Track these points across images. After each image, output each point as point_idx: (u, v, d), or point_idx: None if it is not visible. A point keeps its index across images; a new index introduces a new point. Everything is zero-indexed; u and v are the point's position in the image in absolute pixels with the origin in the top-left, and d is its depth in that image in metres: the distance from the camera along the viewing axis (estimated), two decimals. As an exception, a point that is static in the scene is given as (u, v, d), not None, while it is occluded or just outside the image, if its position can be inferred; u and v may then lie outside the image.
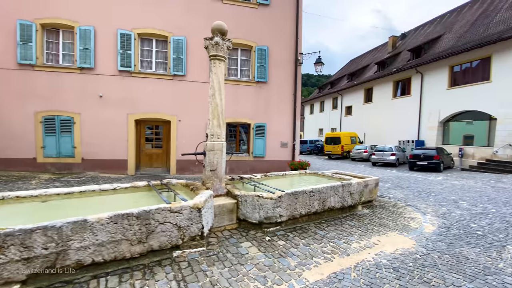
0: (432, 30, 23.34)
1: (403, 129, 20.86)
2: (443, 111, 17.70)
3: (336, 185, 5.08)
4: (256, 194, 4.08)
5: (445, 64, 17.71)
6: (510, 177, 10.89)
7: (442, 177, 11.63)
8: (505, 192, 8.08)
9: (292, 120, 10.43)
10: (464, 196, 7.60)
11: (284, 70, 10.35)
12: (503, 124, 14.18)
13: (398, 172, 13.23)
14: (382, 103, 23.64)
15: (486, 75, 15.37)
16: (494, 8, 17.59)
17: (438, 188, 8.86)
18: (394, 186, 9.22)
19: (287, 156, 10.43)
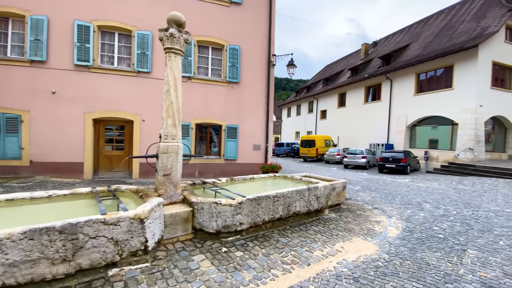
0: (401, 39, 24.57)
1: (374, 133, 21.60)
2: (410, 116, 18.56)
3: (302, 189, 4.87)
4: (214, 201, 3.73)
5: (412, 72, 18.63)
6: (470, 179, 11.52)
7: (409, 179, 12.04)
8: (465, 194, 8.44)
9: (265, 122, 10.22)
10: (428, 198, 7.80)
11: (257, 71, 10.14)
12: (464, 129, 15.12)
13: (368, 175, 13.53)
14: (354, 107, 24.38)
15: (449, 82, 16.35)
16: (457, 20, 18.84)
17: (405, 190, 9.08)
18: (363, 188, 9.30)
19: (260, 159, 10.18)
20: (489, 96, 15.10)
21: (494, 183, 10.37)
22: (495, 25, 14.74)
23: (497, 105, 15.38)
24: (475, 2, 18.80)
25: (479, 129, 14.76)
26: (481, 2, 18.16)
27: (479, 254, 3.77)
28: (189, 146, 9.19)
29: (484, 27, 15.34)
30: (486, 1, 17.71)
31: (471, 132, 14.71)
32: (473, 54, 14.82)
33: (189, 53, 9.15)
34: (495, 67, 15.52)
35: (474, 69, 14.80)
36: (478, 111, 14.71)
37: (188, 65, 9.16)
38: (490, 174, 11.97)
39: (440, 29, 19.77)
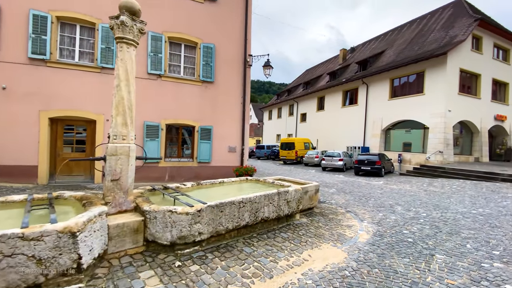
0: (377, 46, 25.41)
1: (351, 136, 22.03)
2: (385, 120, 19.11)
3: (271, 193, 4.60)
4: (168, 209, 3.35)
5: (387, 77, 19.24)
6: (440, 181, 11.91)
7: (383, 181, 12.24)
8: (435, 196, 8.62)
9: (241, 123, 9.91)
10: (400, 200, 7.86)
11: (233, 71, 9.83)
12: (434, 132, 15.74)
13: (344, 177, 13.63)
14: (333, 111, 24.79)
15: (420, 88, 17.01)
16: (428, 29, 19.73)
17: (378, 193, 9.13)
18: (338, 191, 9.25)
19: (235, 162, 9.84)
20: (457, 101, 15.86)
21: (462, 184, 10.77)
22: (462, 34, 15.55)
23: (464, 110, 16.20)
24: (444, 12, 19.82)
25: (448, 133, 15.43)
26: (450, 12, 19.16)
27: (446, 259, 3.69)
28: (159, 148, 8.66)
29: (453, 36, 16.14)
30: (454, 11, 18.71)
31: (441, 136, 15.34)
32: (442, 61, 15.51)
33: (160, 50, 8.66)
34: (462, 74, 16.36)
35: (443, 76, 15.49)
36: (447, 116, 15.38)
37: (158, 62, 8.66)
38: (458, 176, 12.46)
39: (413, 37, 20.62)
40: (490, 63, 17.37)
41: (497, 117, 17.64)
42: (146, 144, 8.46)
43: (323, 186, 10.35)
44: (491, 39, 17.32)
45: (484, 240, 4.53)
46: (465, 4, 18.41)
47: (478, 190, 9.45)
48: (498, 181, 11.02)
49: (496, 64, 17.72)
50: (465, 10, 17.67)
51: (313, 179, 12.22)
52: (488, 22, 16.20)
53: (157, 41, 8.62)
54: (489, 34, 17.12)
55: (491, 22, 16.41)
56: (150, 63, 8.54)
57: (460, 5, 18.80)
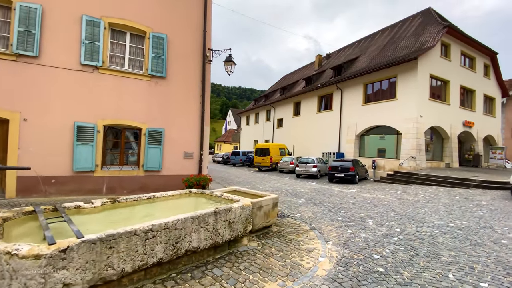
0: (351, 52, 25.51)
1: (327, 142, 21.55)
2: (359, 125, 18.78)
3: (203, 214, 3.45)
4: (6, 250, 2.08)
5: (360, 82, 19.02)
6: (413, 188, 11.40)
7: (357, 189, 11.53)
8: (409, 205, 7.91)
9: (199, 125, 8.71)
10: (372, 212, 7.02)
11: (189, 66, 8.67)
12: (407, 138, 15.50)
13: (318, 185, 12.80)
14: (308, 116, 24.30)
15: (393, 93, 16.85)
16: (399, 36, 19.91)
17: (350, 203, 8.28)
18: (307, 201, 8.29)
19: (192, 170, 8.58)
20: (428, 107, 15.81)
21: (435, 191, 10.28)
22: (432, 40, 15.62)
23: (435, 116, 16.19)
24: (414, 21, 20.14)
25: (420, 138, 15.24)
26: (419, 20, 19.48)
27: (427, 303, 2.72)
28: (93, 154, 7.20)
29: (423, 42, 16.20)
30: (423, 19, 19.02)
31: (413, 141, 15.11)
32: (413, 66, 15.43)
33: (97, 37, 7.30)
34: (433, 80, 16.43)
35: (415, 81, 15.39)
36: (419, 121, 15.22)
37: (95, 52, 7.29)
38: (431, 183, 12.08)
39: (385, 44, 20.75)
40: (458, 70, 17.69)
41: (465, 123, 17.91)
42: (77, 150, 6.98)
43: (292, 195, 9.37)
44: (458, 46, 17.69)
45: (468, 266, 3.68)
46: (433, 13, 18.79)
47: (452, 198, 8.94)
48: (470, 187, 10.69)
49: (464, 71, 18.11)
50: (434, 19, 17.98)
51: (283, 188, 11.24)
52: (455, 30, 16.49)
53: (94, 27, 7.26)
54: (456, 42, 17.47)
55: (458, 30, 16.74)
56: (84, 52, 7.14)
57: (429, 14, 19.18)
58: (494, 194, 9.35)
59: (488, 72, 20.08)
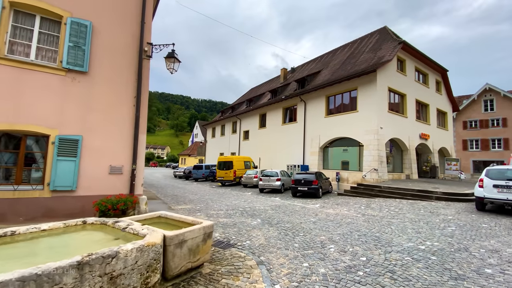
0: (314, 67, 25.89)
1: (292, 154, 20.91)
2: (323, 137, 18.44)
3: (50, 270, 1.99)
4: None
5: (323, 94, 18.92)
6: (377, 202, 10.83)
7: (320, 204, 10.63)
8: (374, 223, 7.08)
9: (133, 133, 7.13)
10: (335, 233, 5.99)
11: (121, 62, 7.18)
12: (368, 149, 15.33)
13: (280, 200, 11.69)
14: (274, 128, 23.67)
15: (354, 105, 16.85)
16: (359, 51, 20.48)
17: (311, 222, 7.21)
18: (263, 222, 7.04)
19: (121, 188, 6.87)
20: (387, 119, 15.96)
21: (398, 205, 9.75)
22: (389, 54, 16.04)
23: (394, 128, 16.39)
24: (372, 38, 20.96)
25: (381, 150, 15.16)
26: (376, 37, 20.29)
27: None
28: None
29: (380, 57, 16.60)
30: (380, 37, 19.83)
31: (375, 153, 14.95)
32: (372, 79, 15.59)
33: (-13, 17, 5.56)
34: (391, 93, 16.77)
35: (374, 94, 15.50)
36: (379, 133, 15.19)
37: (-19, 34, 5.51)
38: (394, 195, 11.68)
39: (345, 59, 21.21)
40: (413, 85, 18.44)
41: (421, 136, 18.51)
42: None
43: (248, 215, 8.07)
44: (413, 62, 18.56)
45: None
46: (389, 31, 19.70)
47: (417, 212, 8.37)
48: (432, 199, 10.40)
49: (418, 86, 18.95)
50: (390, 36, 18.77)
51: (240, 206, 9.90)
52: (409, 46, 17.24)
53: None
54: (411, 58, 18.31)
55: (412, 47, 17.54)
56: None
57: (385, 31, 20.09)
58: (458, 206, 9.04)
59: (440, 88, 21.40)
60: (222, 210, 8.96)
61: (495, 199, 7.39)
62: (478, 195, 7.87)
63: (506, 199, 7.18)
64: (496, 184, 7.43)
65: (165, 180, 25.29)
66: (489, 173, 7.80)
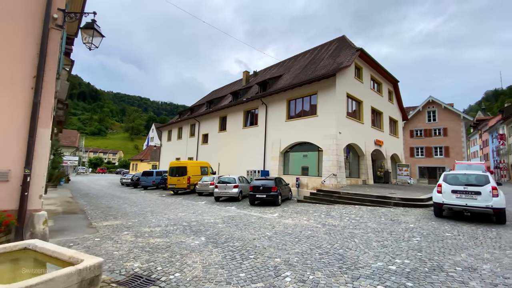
0: (276, 71, 25.55)
1: (253, 159, 19.86)
2: (283, 142, 17.78)
3: None
4: None
5: (284, 98, 18.38)
6: (337, 209, 10.22)
7: (279, 213, 9.62)
8: (336, 235, 6.21)
9: (27, 126, 5.21)
10: (292, 253, 4.91)
11: (13, 28, 5.27)
12: (327, 154, 14.99)
13: (236, 210, 10.40)
14: (235, 132, 22.45)
15: (314, 110, 16.54)
16: (319, 58, 20.55)
17: (266, 237, 6.06)
18: (207, 241, 5.66)
19: (4, 200, 4.89)
20: (346, 124, 15.93)
21: (359, 213, 9.21)
22: (347, 61, 16.12)
23: (352, 133, 16.44)
24: (331, 45, 21.28)
25: (340, 155, 14.94)
26: (335, 45, 20.61)
27: None
28: None
29: (339, 63, 16.63)
30: (339, 45, 20.17)
31: (334, 158, 14.66)
32: (332, 84, 15.45)
33: None
34: (349, 99, 16.87)
35: (333, 98, 15.34)
36: (338, 138, 14.99)
37: None
38: (353, 202, 11.26)
39: (306, 64, 21.15)
40: (369, 93, 18.96)
41: (376, 142, 19.03)
42: None
43: (191, 232, 6.60)
44: (369, 71, 19.12)
45: None
46: (347, 40, 20.16)
47: (378, 221, 7.82)
48: (391, 205, 10.14)
49: (374, 94, 19.57)
50: (348, 44, 19.15)
51: (186, 219, 8.35)
52: (366, 54, 17.65)
53: None
54: (367, 66, 18.84)
55: (368, 55, 18.02)
56: None
57: (344, 40, 20.52)
58: (416, 213, 8.78)
59: (392, 98, 22.55)
60: (160, 226, 7.32)
61: (454, 205, 7.15)
62: (436, 201, 7.60)
63: (465, 205, 6.96)
64: (455, 190, 7.22)
65: (109, 188, 22.14)
66: (447, 178, 7.60)
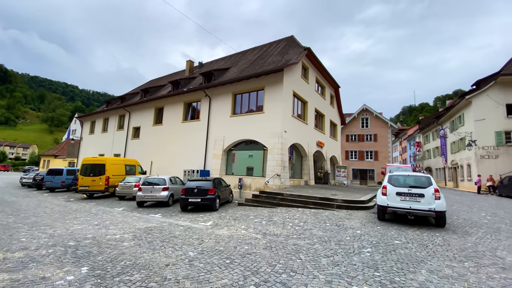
0: (224, 64, 23.96)
1: (192, 157, 17.74)
2: (228, 139, 16.28)
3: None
4: None
5: (229, 91, 16.92)
6: (280, 213, 9.18)
7: (214, 220, 8.03)
8: (279, 250, 4.97)
9: None
10: (217, 285, 3.38)
11: None
12: (272, 153, 14.10)
13: (161, 218, 8.39)
14: (172, 126, 19.88)
15: (260, 106, 15.54)
16: (267, 54, 19.76)
17: (187, 260, 4.42)
18: (86, 276, 3.69)
19: None
20: (291, 123, 15.38)
21: (303, 217, 8.32)
22: (295, 58, 15.63)
23: (296, 133, 16.00)
24: (280, 44, 20.80)
25: (284, 154, 14.23)
26: (284, 44, 20.18)
27: None
28: None
29: (288, 60, 16.04)
30: (288, 43, 19.79)
31: (278, 158, 13.86)
32: (279, 80, 14.70)
33: None
34: (295, 98, 16.42)
35: (280, 95, 14.60)
36: (284, 137, 14.27)
37: None
38: (296, 204, 10.46)
39: (255, 59, 20.16)
40: (314, 94, 19.01)
41: (318, 143, 19.19)
42: None
43: (71, 258, 4.47)
44: (314, 73, 19.19)
45: None
46: (296, 39, 19.93)
47: (323, 227, 6.97)
48: (334, 208, 9.62)
49: (318, 96, 19.75)
50: (296, 43, 18.89)
51: (82, 233, 6.01)
52: (313, 55, 17.55)
53: None
54: (313, 68, 18.85)
55: (315, 56, 18.00)
56: None
57: (292, 40, 20.26)
58: (359, 216, 8.33)
59: (333, 102, 23.37)
60: (28, 248, 4.90)
61: (398, 208, 6.77)
62: (381, 204, 7.17)
63: (409, 208, 6.62)
64: (399, 192, 6.86)
65: (1, 190, 16.92)
66: (392, 180, 7.25)
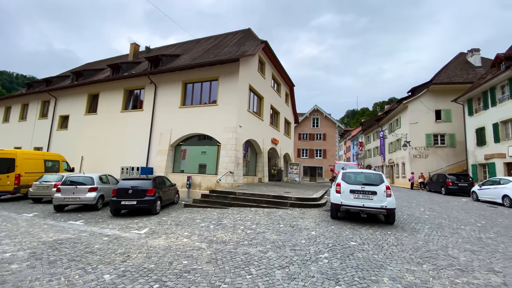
0: (174, 51, 21.96)
1: (133, 153, 15.60)
2: (175, 133, 14.71)
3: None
4: None
5: (179, 80, 15.32)
6: (231, 214, 8.33)
7: (150, 226, 6.75)
8: (225, 264, 4.12)
9: None
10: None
11: None
12: (226, 149, 13.15)
13: (83, 225, 6.71)
14: (109, 116, 17.25)
15: (214, 98, 14.42)
16: (223, 44, 18.61)
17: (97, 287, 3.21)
18: None
19: None
20: (246, 118, 14.64)
21: (255, 218, 7.63)
22: (252, 50, 14.89)
23: (252, 129, 15.33)
24: (237, 35, 19.86)
25: (239, 150, 13.42)
26: (241, 35, 19.30)
27: None
28: None
29: (244, 51, 15.18)
30: (244, 35, 18.97)
31: (232, 154, 12.98)
32: (235, 70, 13.79)
33: None
34: (251, 93, 15.71)
35: (235, 88, 13.71)
36: (238, 132, 13.45)
37: None
38: (249, 203, 9.77)
39: (209, 48, 18.85)
40: (270, 91, 18.61)
41: (273, 140, 18.92)
42: None
43: None
44: (271, 69, 18.78)
45: None
46: (253, 32, 19.23)
47: (277, 228, 6.36)
48: (287, 206, 9.18)
49: (273, 93, 19.43)
50: (253, 36, 18.20)
51: None
52: (270, 49, 17.06)
53: None
54: (269, 63, 18.40)
55: (272, 51, 17.55)
56: None
57: (249, 32, 19.51)
58: (313, 214, 7.99)
59: (288, 100, 23.44)
60: None
61: (352, 206, 6.55)
62: (335, 202, 6.90)
63: (362, 205, 6.45)
64: (353, 189, 6.66)
65: None
66: (345, 177, 7.04)
